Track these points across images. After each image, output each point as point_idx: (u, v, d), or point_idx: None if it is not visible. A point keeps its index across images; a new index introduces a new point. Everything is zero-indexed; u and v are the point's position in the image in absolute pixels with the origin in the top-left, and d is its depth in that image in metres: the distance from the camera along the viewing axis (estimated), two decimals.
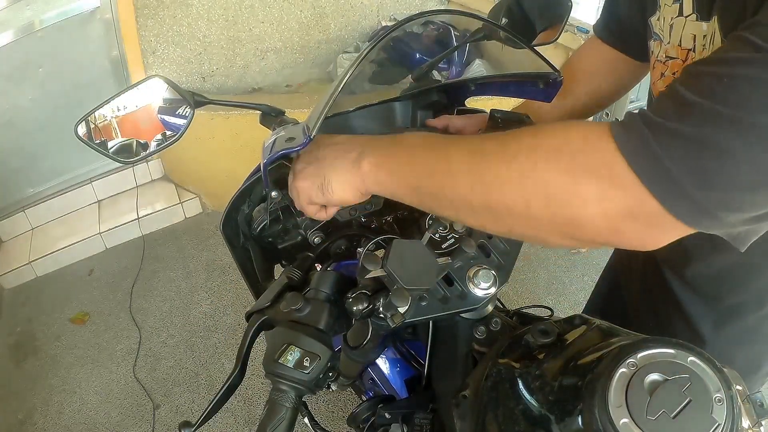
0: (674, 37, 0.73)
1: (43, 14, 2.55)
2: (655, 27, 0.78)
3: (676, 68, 0.75)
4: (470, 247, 0.67)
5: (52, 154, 2.83)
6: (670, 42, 0.75)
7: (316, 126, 0.68)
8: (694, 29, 0.69)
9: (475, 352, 0.73)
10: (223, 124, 2.66)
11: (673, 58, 0.75)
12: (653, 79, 0.83)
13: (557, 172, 0.47)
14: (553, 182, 0.48)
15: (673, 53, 0.74)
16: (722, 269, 0.86)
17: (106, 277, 2.77)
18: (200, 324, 2.46)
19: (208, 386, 2.20)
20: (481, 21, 0.84)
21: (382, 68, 1.09)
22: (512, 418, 0.58)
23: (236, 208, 0.84)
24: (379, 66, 1.50)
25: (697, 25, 0.68)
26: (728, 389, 0.46)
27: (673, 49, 0.74)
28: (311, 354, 0.59)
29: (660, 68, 0.79)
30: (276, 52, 3.12)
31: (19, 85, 2.64)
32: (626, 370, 0.48)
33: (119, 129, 0.96)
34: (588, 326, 0.63)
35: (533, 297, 2.46)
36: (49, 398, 2.21)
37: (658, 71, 0.80)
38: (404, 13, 3.31)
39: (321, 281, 0.66)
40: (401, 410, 0.83)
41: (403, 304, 0.58)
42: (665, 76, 0.78)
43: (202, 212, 3.12)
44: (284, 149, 0.71)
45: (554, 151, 0.48)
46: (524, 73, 0.83)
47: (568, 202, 0.47)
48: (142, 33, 2.71)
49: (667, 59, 0.76)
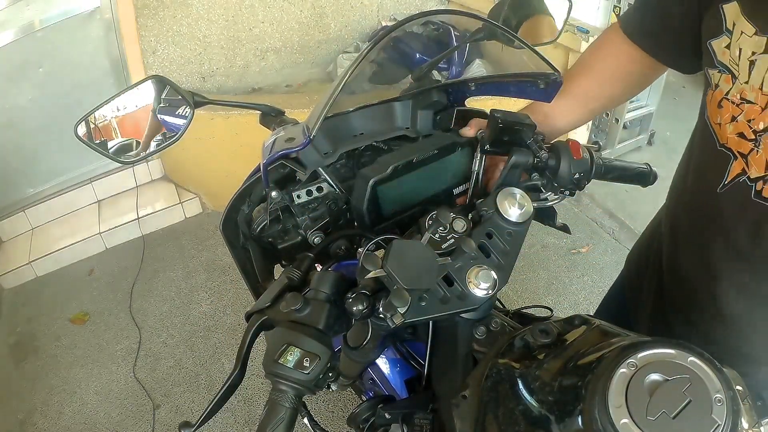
0: (755, 78, 0.62)
1: (43, 14, 2.55)
2: (721, 55, 0.67)
3: (752, 115, 0.64)
4: (470, 247, 0.67)
5: (52, 154, 2.83)
6: (749, 83, 0.63)
7: (316, 126, 0.68)
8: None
9: (475, 353, 0.73)
10: (223, 124, 2.66)
11: (750, 102, 0.64)
12: (717, 119, 0.71)
13: None
14: None
15: (751, 96, 0.63)
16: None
17: (106, 277, 2.77)
18: (200, 324, 2.46)
19: (208, 386, 2.20)
20: (481, 21, 0.84)
21: (382, 68, 1.09)
22: (512, 419, 0.57)
23: (236, 208, 0.84)
24: (379, 66, 1.50)
25: None
26: (728, 389, 0.46)
27: (752, 92, 0.63)
28: (311, 354, 0.59)
29: (731, 109, 0.67)
30: (276, 52, 3.12)
31: (19, 85, 2.64)
32: (626, 371, 0.48)
33: (119, 129, 0.97)
34: (588, 326, 0.63)
35: (533, 297, 2.46)
36: (49, 398, 2.21)
37: (728, 113, 0.68)
38: (404, 13, 3.31)
39: (321, 281, 0.66)
40: (401, 410, 0.83)
41: (403, 305, 0.58)
42: (738, 121, 0.67)
43: (202, 212, 3.13)
44: (284, 149, 0.71)
45: None
46: (524, 73, 0.83)
47: None
48: (142, 33, 2.71)
49: (741, 101, 0.65)
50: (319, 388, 0.62)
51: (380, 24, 3.27)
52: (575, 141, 0.84)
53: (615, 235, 2.77)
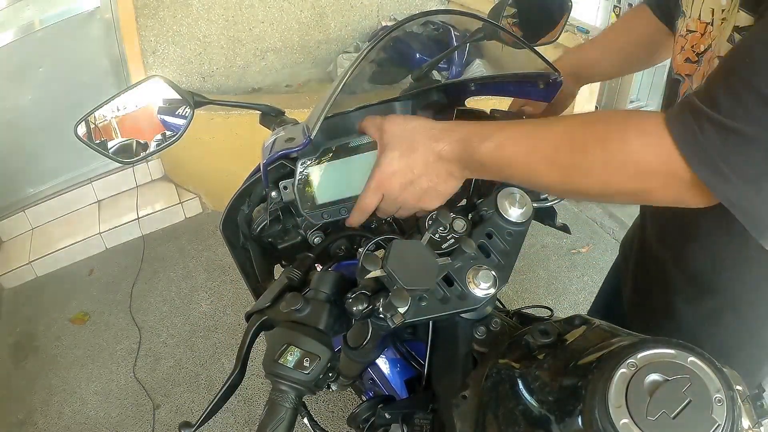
0: (695, 11, 0.75)
1: (43, 14, 2.55)
2: (683, 4, 0.79)
3: (694, 41, 0.76)
4: (470, 247, 0.67)
5: (52, 154, 2.83)
6: (691, 16, 0.76)
7: (316, 126, 0.68)
8: (713, 3, 0.70)
9: (475, 353, 0.73)
10: (223, 124, 2.66)
11: (692, 31, 0.76)
12: (674, 54, 0.83)
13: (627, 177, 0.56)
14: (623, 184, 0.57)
15: (693, 27, 0.76)
16: (718, 256, 0.85)
17: (106, 277, 2.77)
18: (200, 324, 2.47)
19: (208, 386, 2.20)
20: (481, 21, 0.84)
21: (382, 68, 1.08)
22: (512, 419, 0.57)
23: (236, 208, 0.84)
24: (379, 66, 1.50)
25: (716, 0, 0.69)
26: (728, 389, 0.46)
27: (693, 23, 0.75)
28: (311, 354, 0.59)
29: (680, 42, 0.80)
30: (276, 52, 3.12)
31: (19, 85, 2.64)
32: (626, 371, 0.48)
33: (119, 129, 0.97)
34: (588, 326, 0.63)
35: (533, 297, 2.46)
36: (49, 398, 2.21)
37: (679, 45, 0.80)
38: (404, 13, 3.31)
39: (321, 281, 0.66)
40: (401, 410, 0.83)
41: (403, 305, 0.58)
42: (684, 49, 0.78)
43: (202, 212, 3.13)
44: (284, 149, 0.71)
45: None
46: (524, 73, 0.83)
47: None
48: (142, 33, 2.71)
49: (687, 33, 0.77)
50: (319, 388, 0.62)
51: (380, 24, 3.27)
52: None
53: (615, 235, 2.77)
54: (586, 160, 0.57)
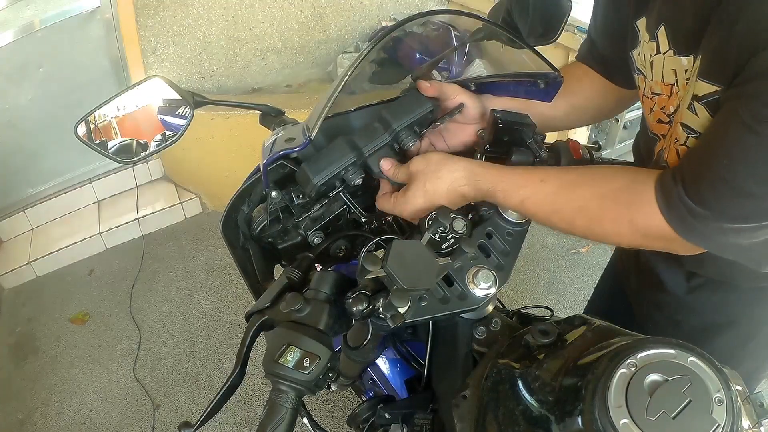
0: (656, 74, 0.75)
1: (43, 14, 2.55)
2: (638, 62, 0.79)
3: (662, 103, 0.76)
4: (470, 247, 0.67)
5: (52, 154, 2.83)
6: (653, 79, 0.76)
7: (316, 126, 0.68)
8: (673, 64, 0.70)
9: (475, 353, 0.73)
10: (223, 124, 2.66)
11: (659, 94, 0.76)
12: (645, 113, 0.84)
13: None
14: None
15: (658, 89, 0.76)
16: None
17: (106, 277, 2.77)
18: (200, 324, 2.46)
19: (208, 386, 2.20)
20: (481, 21, 0.84)
21: (382, 68, 1.08)
22: (512, 419, 0.58)
23: (236, 208, 0.84)
24: (379, 66, 1.50)
25: (677, 60, 0.69)
26: (728, 389, 0.46)
27: (657, 86, 0.76)
28: (311, 354, 0.59)
29: (648, 104, 0.80)
30: (276, 52, 3.11)
31: (19, 85, 2.64)
32: (626, 371, 0.48)
33: (119, 129, 0.97)
34: (588, 326, 0.63)
35: (533, 297, 2.46)
36: (49, 398, 2.21)
37: (647, 106, 0.81)
38: (404, 13, 3.31)
39: (321, 281, 0.66)
40: (401, 410, 0.83)
41: (403, 305, 0.58)
42: (654, 111, 0.79)
43: (202, 212, 3.12)
44: (284, 149, 0.71)
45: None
46: (524, 73, 0.83)
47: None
48: (142, 33, 2.71)
49: (653, 95, 0.78)
50: (319, 389, 0.62)
51: (380, 24, 3.27)
52: (575, 141, 0.84)
53: None
54: (601, 230, 0.69)
